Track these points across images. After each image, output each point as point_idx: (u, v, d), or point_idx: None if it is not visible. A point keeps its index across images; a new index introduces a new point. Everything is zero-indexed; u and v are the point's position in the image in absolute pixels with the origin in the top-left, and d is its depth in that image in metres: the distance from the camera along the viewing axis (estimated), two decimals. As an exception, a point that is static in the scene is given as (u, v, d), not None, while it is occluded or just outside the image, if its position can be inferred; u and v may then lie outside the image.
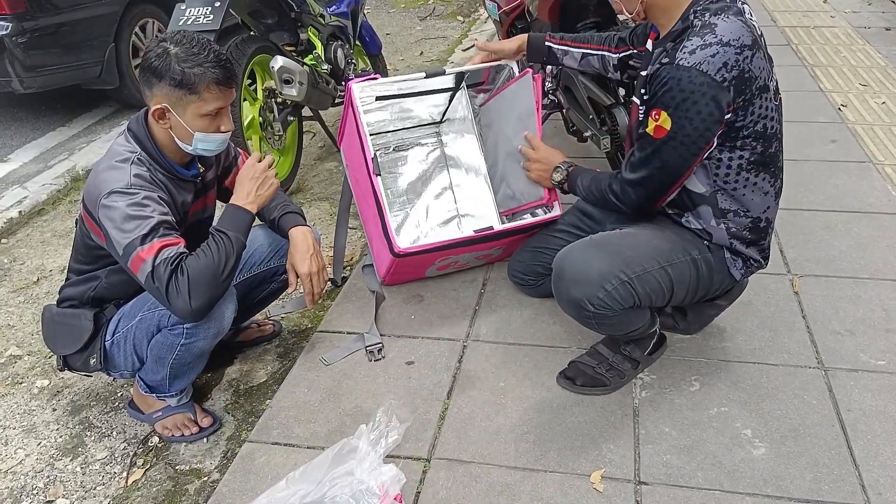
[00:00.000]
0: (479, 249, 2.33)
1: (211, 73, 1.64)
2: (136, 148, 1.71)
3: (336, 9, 3.63)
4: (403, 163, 2.69)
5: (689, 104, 1.58)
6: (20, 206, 3.35)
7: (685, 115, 1.60)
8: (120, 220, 1.61)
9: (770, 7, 5.51)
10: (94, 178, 1.70)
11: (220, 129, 1.72)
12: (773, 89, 1.71)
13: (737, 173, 1.74)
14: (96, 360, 1.85)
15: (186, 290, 1.60)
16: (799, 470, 1.70)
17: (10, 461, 1.94)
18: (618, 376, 1.95)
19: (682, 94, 1.59)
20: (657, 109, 1.64)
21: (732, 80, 1.58)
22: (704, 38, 1.59)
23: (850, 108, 3.69)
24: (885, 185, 2.94)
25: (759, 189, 1.78)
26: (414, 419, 1.90)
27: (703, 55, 1.57)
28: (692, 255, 1.81)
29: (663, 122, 1.63)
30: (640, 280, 1.74)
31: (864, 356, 2.03)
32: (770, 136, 1.72)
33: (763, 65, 1.64)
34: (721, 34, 1.58)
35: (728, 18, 1.61)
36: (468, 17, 6.25)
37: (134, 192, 1.63)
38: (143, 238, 1.60)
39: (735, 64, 1.58)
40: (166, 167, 1.75)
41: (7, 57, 3.78)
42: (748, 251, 1.84)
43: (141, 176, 1.67)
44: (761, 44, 1.66)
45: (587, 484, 1.69)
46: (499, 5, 3.37)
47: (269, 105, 3.11)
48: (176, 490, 1.82)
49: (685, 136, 1.63)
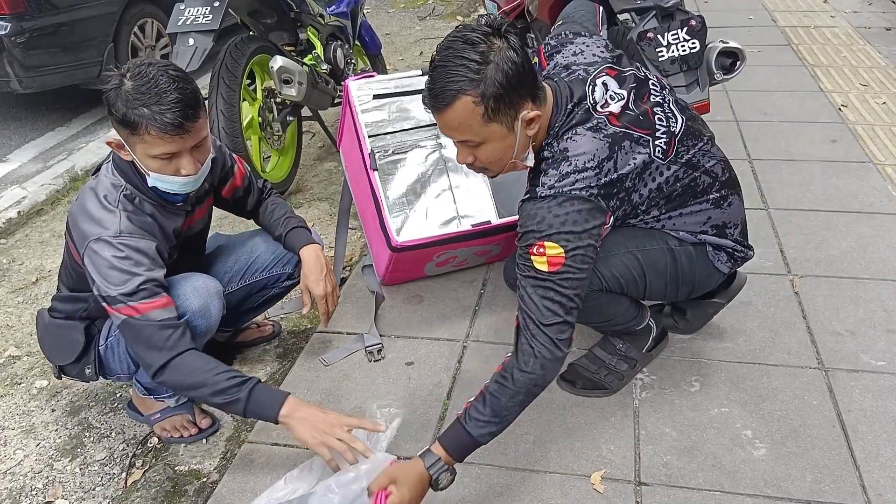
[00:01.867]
0: (478, 244, 2.33)
1: (155, 119, 1.48)
2: (121, 181, 1.65)
3: (335, 9, 3.63)
4: (402, 165, 2.69)
5: (569, 225, 1.45)
6: (19, 207, 3.34)
7: (572, 234, 1.45)
8: (106, 268, 1.57)
9: (770, 7, 5.51)
10: (81, 212, 1.64)
11: (179, 173, 1.58)
12: (661, 149, 1.58)
13: (657, 219, 1.70)
14: (91, 371, 1.85)
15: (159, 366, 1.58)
16: (799, 471, 1.69)
17: (8, 462, 1.94)
18: (617, 379, 1.94)
19: (559, 220, 1.45)
20: (539, 243, 1.46)
21: (601, 194, 1.48)
22: (560, 169, 1.48)
23: (851, 108, 3.69)
24: (885, 185, 2.94)
25: (690, 213, 1.71)
26: (414, 419, 1.90)
27: (564, 185, 1.46)
28: (669, 244, 1.74)
29: (551, 252, 1.45)
30: (603, 262, 1.68)
31: (865, 357, 2.02)
32: (671, 187, 1.63)
33: (632, 154, 1.53)
34: (574, 160, 1.48)
35: (576, 135, 1.50)
36: (468, 17, 6.24)
37: (121, 246, 1.58)
38: (127, 296, 1.57)
39: (598, 182, 1.48)
40: (151, 196, 1.67)
41: (6, 57, 3.77)
42: (723, 242, 1.77)
43: (130, 221, 1.62)
44: (621, 134, 1.52)
45: (587, 484, 1.68)
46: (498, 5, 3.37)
47: (269, 105, 3.10)
48: (175, 491, 1.81)
49: (581, 246, 1.46)
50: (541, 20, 2.99)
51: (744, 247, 1.82)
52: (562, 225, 1.45)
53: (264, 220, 2.03)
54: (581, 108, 1.55)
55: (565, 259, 1.46)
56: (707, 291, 1.92)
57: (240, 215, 2.07)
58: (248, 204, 2.02)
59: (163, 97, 1.48)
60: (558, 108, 1.54)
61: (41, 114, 4.54)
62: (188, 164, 1.58)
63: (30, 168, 3.84)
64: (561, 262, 1.46)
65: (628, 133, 1.55)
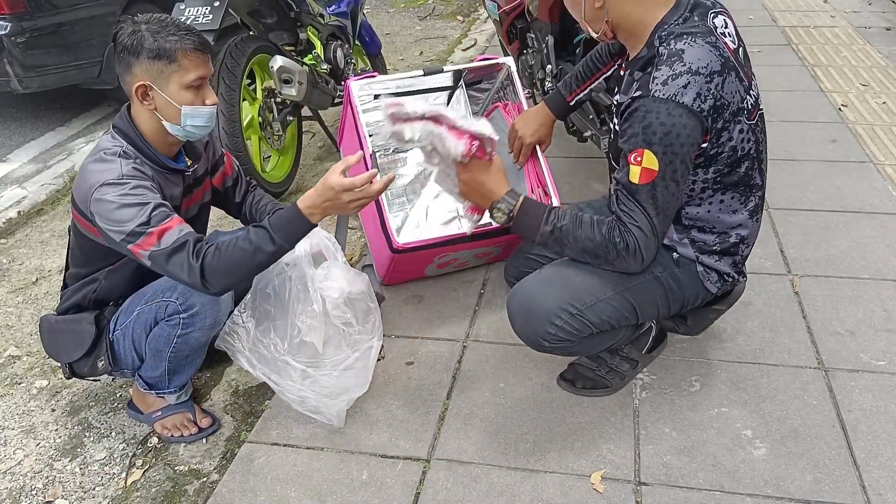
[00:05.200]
0: (478, 247, 2.33)
1: (186, 41, 1.63)
2: (123, 143, 1.70)
3: (335, 8, 3.63)
4: (403, 164, 2.69)
5: (672, 137, 1.51)
6: (19, 207, 3.34)
7: (670, 148, 1.51)
8: (115, 210, 1.60)
9: (770, 7, 5.51)
10: (82, 175, 1.68)
11: (205, 103, 1.70)
12: (750, 107, 1.63)
13: (701, 191, 1.69)
14: (105, 363, 1.83)
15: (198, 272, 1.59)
16: (799, 471, 1.69)
17: (8, 462, 1.94)
18: (618, 378, 1.94)
19: (664, 128, 1.50)
20: (638, 150, 1.53)
21: (709, 110, 1.53)
22: (673, 68, 1.52)
23: (851, 108, 3.69)
24: (885, 185, 2.94)
25: (727, 207, 1.71)
26: (414, 419, 1.90)
27: (676, 86, 1.51)
28: (655, 272, 1.74)
29: (648, 163, 1.52)
30: (592, 310, 1.69)
31: (865, 356, 2.03)
32: (741, 157, 1.65)
33: (736, 87, 1.58)
34: (689, 62, 1.52)
35: (695, 43, 1.54)
36: (468, 17, 6.24)
37: (125, 183, 1.61)
38: (144, 225, 1.59)
39: (708, 93, 1.52)
40: (154, 159, 1.72)
41: (6, 57, 3.77)
42: (719, 265, 1.77)
43: (130, 171, 1.65)
44: (733, 64, 1.58)
45: (587, 484, 1.69)
46: (499, 5, 3.36)
47: (269, 105, 3.10)
48: (175, 491, 1.81)
49: (674, 171, 1.54)
50: (541, 20, 2.99)
51: (736, 272, 1.81)
52: (665, 136, 1.50)
53: (252, 209, 2.06)
54: (702, 21, 1.59)
55: (657, 174, 1.53)
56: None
57: (228, 211, 2.09)
58: (237, 194, 2.06)
59: (184, 27, 1.66)
60: (678, 8, 1.60)
61: (41, 114, 4.54)
62: (211, 93, 1.71)
63: (30, 168, 3.84)
64: (653, 178, 1.53)
65: (737, 69, 1.59)
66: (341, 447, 1.84)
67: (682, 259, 1.76)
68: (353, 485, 1.73)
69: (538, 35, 3.08)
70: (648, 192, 1.55)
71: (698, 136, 1.54)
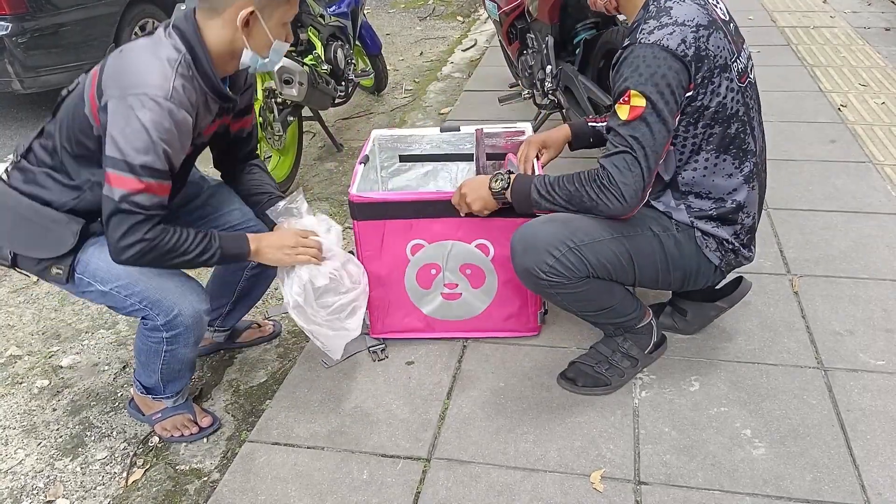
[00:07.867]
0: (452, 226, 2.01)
1: None
2: (183, 48, 1.56)
3: (336, 9, 3.63)
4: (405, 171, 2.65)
5: (657, 77, 1.60)
6: (20, 207, 3.34)
7: (656, 87, 1.60)
8: (136, 127, 1.48)
9: (770, 7, 5.52)
10: (129, 59, 1.54)
11: (287, 40, 1.70)
12: (739, 71, 1.71)
13: (696, 151, 1.74)
14: (61, 273, 1.68)
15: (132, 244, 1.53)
16: (799, 470, 1.70)
17: (10, 461, 1.94)
18: (618, 375, 1.95)
19: (650, 69, 1.60)
20: (626, 92, 1.62)
21: (693, 57, 1.62)
22: (660, 20, 1.64)
23: (850, 108, 3.69)
24: (884, 185, 2.94)
25: (721, 171, 1.76)
26: (414, 419, 1.91)
27: (662, 34, 1.61)
28: (654, 230, 1.78)
29: (636, 101, 1.61)
30: (590, 248, 1.72)
31: (864, 356, 2.03)
32: (730, 116, 1.72)
33: (723, 44, 1.67)
34: (676, 16, 1.64)
35: (683, 2, 1.67)
36: (468, 17, 6.25)
37: (167, 110, 1.50)
38: (143, 168, 1.50)
39: (693, 41, 1.62)
40: (210, 78, 1.61)
41: (7, 57, 3.78)
42: (717, 231, 1.80)
43: (183, 90, 1.53)
44: (720, 25, 1.68)
45: (587, 484, 1.69)
46: (499, 5, 3.37)
47: (269, 105, 3.10)
48: (176, 490, 1.82)
49: (660, 109, 1.61)
50: (541, 21, 2.99)
51: (740, 243, 1.83)
52: (651, 76, 1.59)
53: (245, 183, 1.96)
54: None
55: (644, 111, 1.60)
56: (706, 286, 1.92)
57: (223, 163, 1.99)
58: (241, 151, 1.96)
59: None
60: None
61: (42, 114, 4.54)
62: (291, 33, 1.74)
63: (30, 168, 3.84)
64: (640, 113, 1.61)
65: (724, 31, 1.70)
66: (342, 447, 1.85)
67: (680, 224, 1.81)
68: (353, 484, 1.74)
69: (538, 35, 3.09)
70: (635, 127, 1.62)
71: (684, 79, 1.63)
